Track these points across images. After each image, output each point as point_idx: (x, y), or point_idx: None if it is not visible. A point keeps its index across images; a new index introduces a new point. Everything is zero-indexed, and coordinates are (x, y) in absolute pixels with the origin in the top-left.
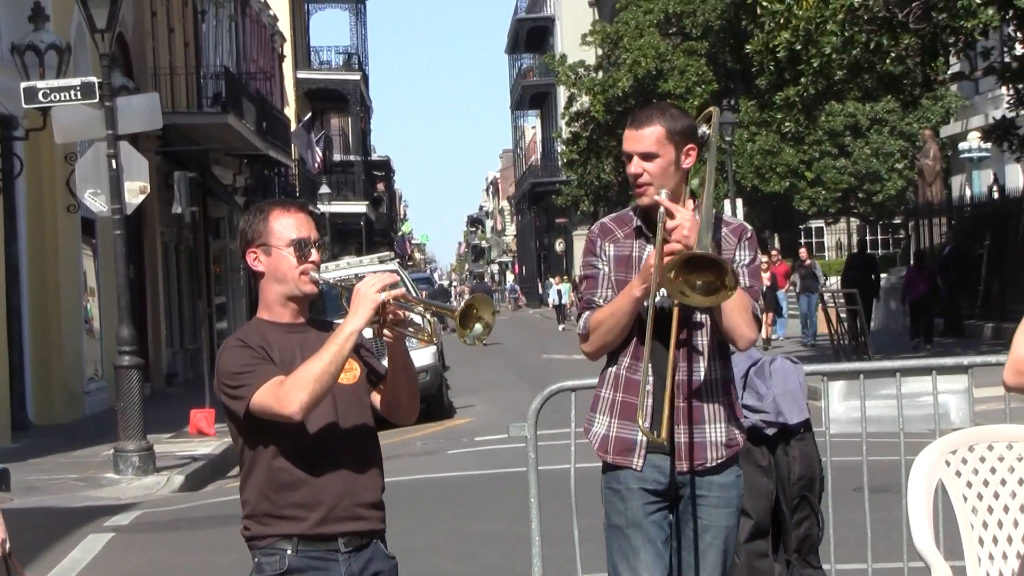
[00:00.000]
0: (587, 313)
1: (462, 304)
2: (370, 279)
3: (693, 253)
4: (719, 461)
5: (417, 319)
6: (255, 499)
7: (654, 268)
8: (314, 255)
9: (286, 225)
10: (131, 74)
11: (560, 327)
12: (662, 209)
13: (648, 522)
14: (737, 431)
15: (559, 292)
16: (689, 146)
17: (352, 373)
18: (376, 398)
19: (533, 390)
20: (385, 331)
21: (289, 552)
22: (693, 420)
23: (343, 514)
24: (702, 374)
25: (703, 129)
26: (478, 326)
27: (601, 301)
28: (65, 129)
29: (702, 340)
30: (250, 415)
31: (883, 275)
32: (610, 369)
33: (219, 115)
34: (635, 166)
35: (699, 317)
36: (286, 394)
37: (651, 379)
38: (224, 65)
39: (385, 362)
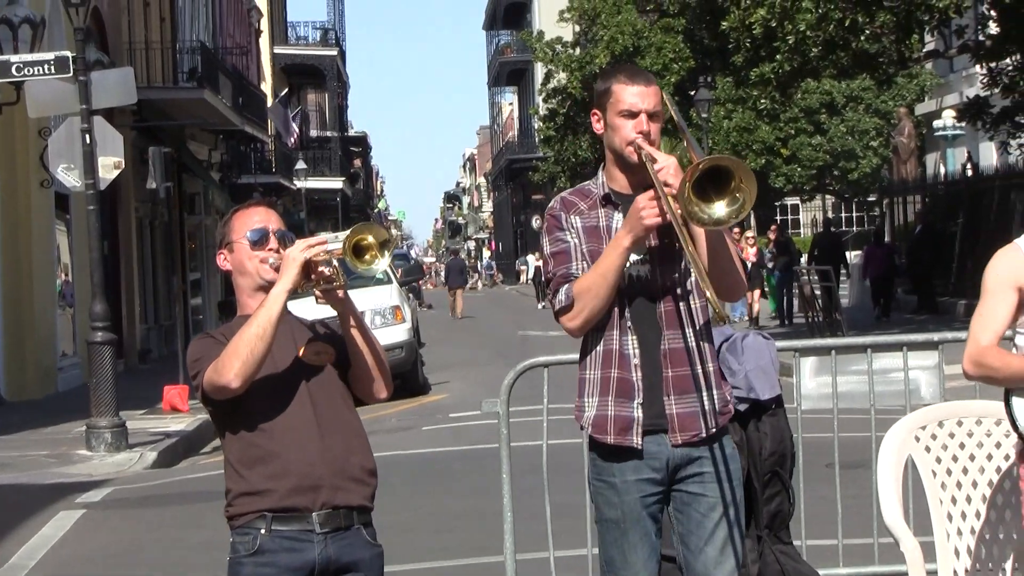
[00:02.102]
0: (567, 285)
1: (346, 237)
2: (297, 243)
3: (709, 161)
4: (714, 430)
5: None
6: (232, 480)
7: (658, 201)
8: (272, 243)
9: (245, 220)
10: (106, 48)
11: (540, 305)
12: (645, 152)
13: (645, 515)
14: (728, 395)
15: (538, 268)
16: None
17: (325, 354)
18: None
19: (509, 366)
20: (317, 292)
21: (262, 532)
22: (685, 390)
23: (318, 483)
24: (691, 341)
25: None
26: (381, 259)
27: (579, 272)
28: (39, 103)
29: (687, 305)
30: (208, 398)
31: (856, 252)
32: (595, 347)
33: (195, 90)
34: (644, 124)
35: (682, 281)
36: (222, 364)
37: (638, 352)
38: (200, 40)
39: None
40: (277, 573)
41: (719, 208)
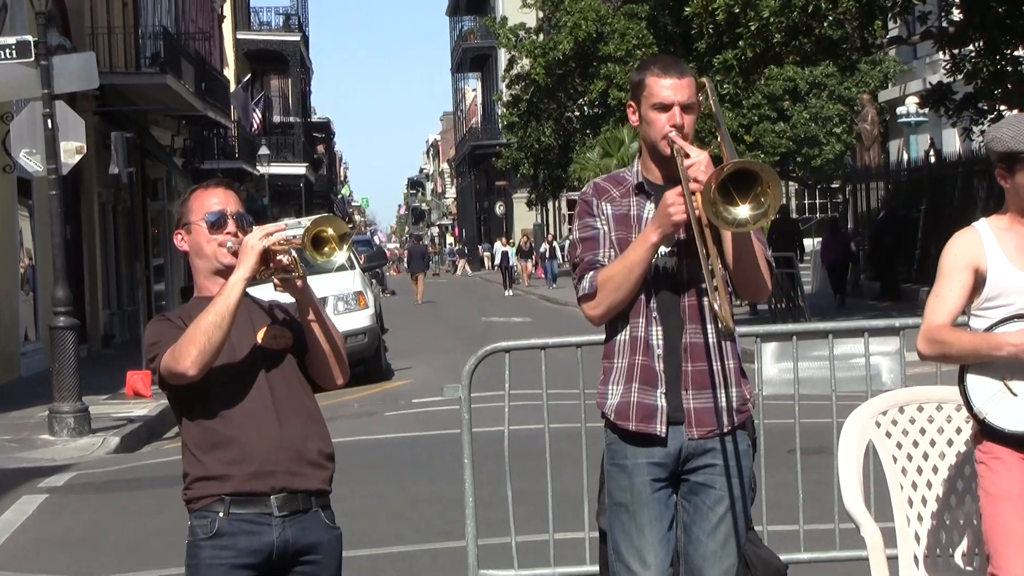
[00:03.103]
0: (591, 272)
1: (307, 230)
2: (256, 231)
3: (735, 165)
4: (729, 428)
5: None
6: (189, 464)
7: (684, 199)
8: (230, 226)
9: (204, 201)
10: (68, 33)
11: (507, 292)
12: (677, 146)
13: (654, 499)
14: (747, 394)
15: (505, 254)
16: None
17: (283, 339)
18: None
19: (472, 352)
20: (276, 279)
21: (220, 515)
22: (703, 385)
23: (275, 468)
24: (711, 336)
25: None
26: (339, 251)
27: (605, 260)
28: (0, 88)
29: (709, 301)
30: (165, 382)
31: (818, 239)
32: (621, 335)
33: (157, 75)
34: (677, 116)
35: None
36: (179, 351)
37: (662, 343)
38: (163, 25)
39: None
40: (235, 556)
41: (742, 211)
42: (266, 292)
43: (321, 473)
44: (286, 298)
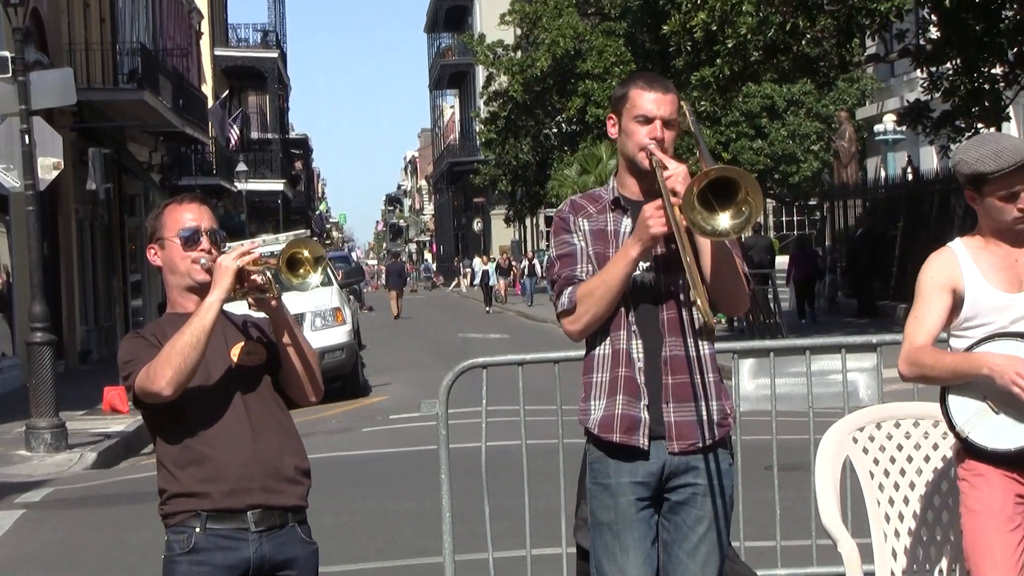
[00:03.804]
0: (570, 288)
1: (283, 252)
2: (231, 250)
3: (717, 171)
4: (711, 441)
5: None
6: (165, 481)
7: (664, 211)
8: (204, 243)
9: (177, 216)
10: (45, 49)
11: (488, 309)
12: (656, 159)
13: (638, 519)
14: (728, 408)
15: (485, 272)
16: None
17: (256, 355)
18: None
19: (449, 368)
20: (250, 299)
21: (197, 530)
22: (684, 398)
23: (251, 485)
24: (691, 349)
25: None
26: (314, 274)
27: (584, 275)
28: None
29: (689, 314)
30: (140, 401)
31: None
32: (600, 349)
33: (135, 91)
34: (658, 130)
35: (686, 290)
36: (154, 371)
37: (642, 356)
38: (140, 41)
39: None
40: (212, 571)
41: (723, 220)
42: (239, 308)
43: (297, 489)
44: (259, 314)
